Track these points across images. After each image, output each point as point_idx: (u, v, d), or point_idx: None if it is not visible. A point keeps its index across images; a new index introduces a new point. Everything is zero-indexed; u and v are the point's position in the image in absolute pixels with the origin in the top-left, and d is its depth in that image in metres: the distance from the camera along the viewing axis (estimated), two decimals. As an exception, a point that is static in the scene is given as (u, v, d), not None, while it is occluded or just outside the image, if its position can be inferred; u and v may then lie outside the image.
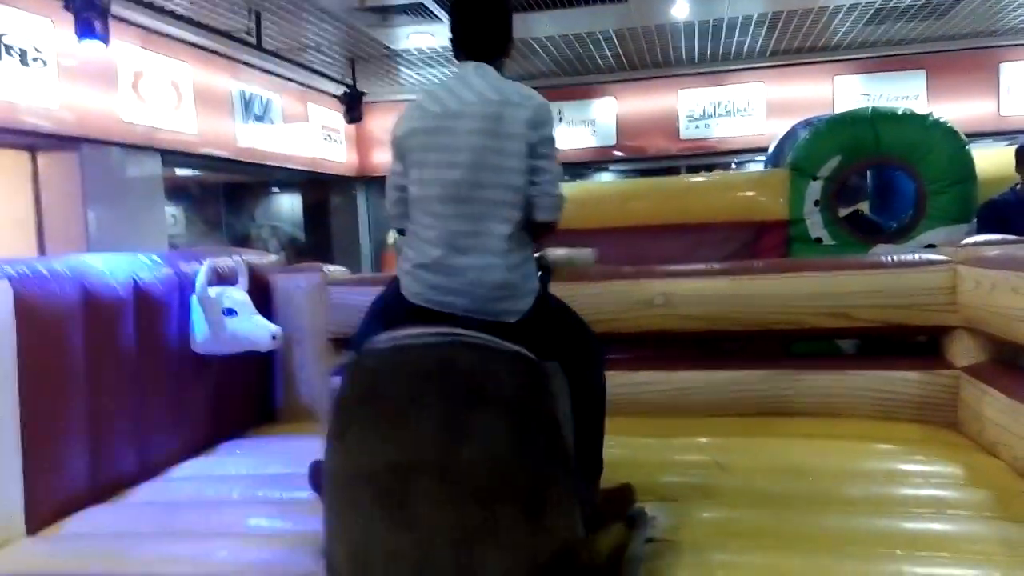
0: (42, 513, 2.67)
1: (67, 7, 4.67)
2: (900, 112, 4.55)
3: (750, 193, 4.70)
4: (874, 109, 4.52)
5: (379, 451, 1.84)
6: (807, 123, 5.07)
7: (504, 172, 2.22)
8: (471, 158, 2.21)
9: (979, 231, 4.04)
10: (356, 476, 1.86)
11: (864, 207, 5.27)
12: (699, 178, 5.52)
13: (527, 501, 1.81)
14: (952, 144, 4.27)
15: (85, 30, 4.67)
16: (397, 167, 2.37)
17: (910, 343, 3.91)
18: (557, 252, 2.55)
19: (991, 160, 4.56)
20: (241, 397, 3.87)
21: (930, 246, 4.12)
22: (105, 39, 4.76)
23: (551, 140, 2.28)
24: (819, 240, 4.45)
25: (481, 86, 2.27)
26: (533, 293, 2.29)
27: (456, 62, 2.39)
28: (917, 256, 3.57)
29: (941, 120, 4.33)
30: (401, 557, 1.77)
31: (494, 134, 2.21)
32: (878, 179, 5.12)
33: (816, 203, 4.43)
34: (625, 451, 2.82)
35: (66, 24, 4.88)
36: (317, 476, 2.40)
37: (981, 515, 2.42)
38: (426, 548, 1.76)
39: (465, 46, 2.38)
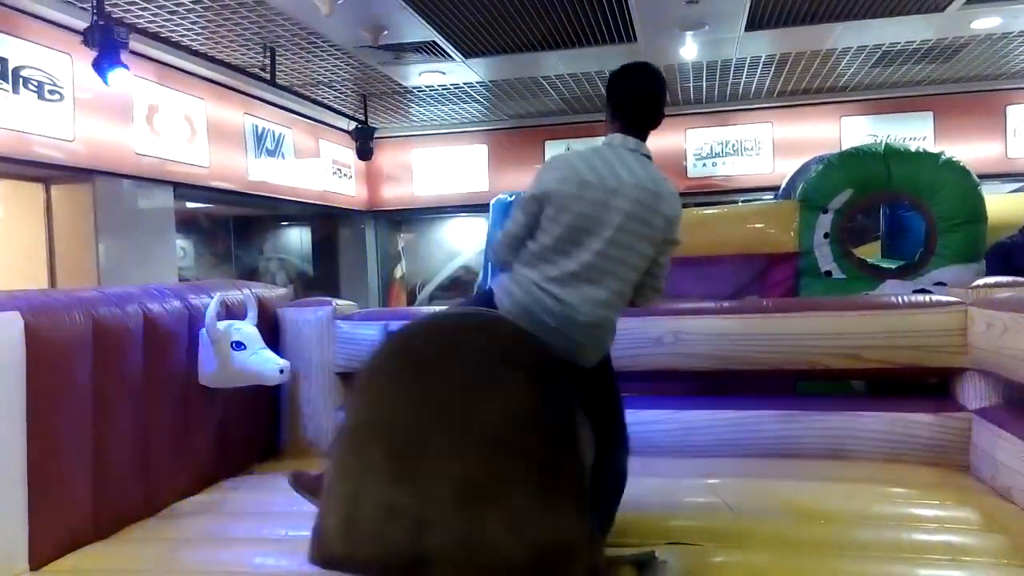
0: (45, 549, 2.64)
1: (86, 43, 4.74)
2: (913, 149, 4.53)
3: (759, 225, 4.67)
4: (887, 145, 4.50)
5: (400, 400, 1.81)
6: (820, 159, 5.07)
7: (633, 254, 2.38)
8: (614, 235, 2.35)
9: (987, 272, 4.03)
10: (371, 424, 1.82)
11: (876, 245, 5.27)
12: (709, 210, 5.49)
13: (540, 470, 1.75)
14: (964, 183, 4.26)
15: (104, 66, 4.74)
16: (528, 219, 2.42)
17: (921, 384, 3.87)
18: None
19: (997, 205, 4.56)
20: (247, 432, 3.85)
21: (939, 284, 4.11)
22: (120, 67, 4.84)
23: (676, 242, 2.50)
24: (829, 273, 4.43)
25: (638, 170, 2.40)
26: (604, 353, 2.49)
27: (605, 131, 2.53)
28: (928, 297, 3.55)
29: (953, 159, 4.33)
30: (400, 512, 1.67)
31: (640, 220, 2.36)
32: (890, 216, 5.11)
33: (826, 235, 4.42)
34: (634, 491, 2.79)
35: (85, 59, 4.95)
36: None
37: (998, 562, 2.37)
38: (429, 503, 1.67)
39: (632, 119, 2.48)
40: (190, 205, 7.76)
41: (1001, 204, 4.73)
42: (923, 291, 4.07)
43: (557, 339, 2.27)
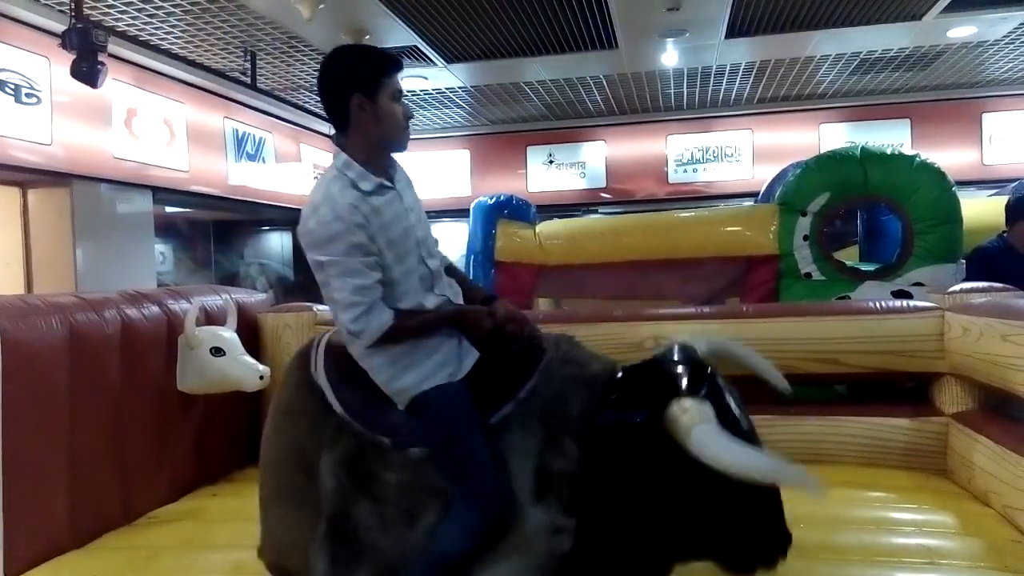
0: (20, 557, 2.61)
1: (64, 46, 4.69)
2: (888, 152, 4.59)
3: (739, 228, 4.73)
4: (863, 148, 4.56)
5: None
6: (799, 164, 5.13)
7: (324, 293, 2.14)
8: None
9: (968, 277, 4.08)
10: None
11: (854, 248, 5.33)
12: (689, 213, 5.53)
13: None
14: (939, 185, 4.32)
15: (81, 70, 4.69)
16: None
17: (899, 389, 3.91)
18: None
19: (975, 209, 4.62)
20: (227, 438, 3.82)
21: (918, 284, 4.16)
22: (99, 80, 4.78)
23: (320, 262, 2.07)
24: (808, 275, 4.47)
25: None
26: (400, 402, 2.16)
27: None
28: (906, 303, 3.59)
29: (928, 161, 4.39)
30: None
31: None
32: (867, 219, 5.17)
33: (805, 238, 4.46)
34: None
35: (63, 62, 4.90)
36: None
37: (974, 565, 2.40)
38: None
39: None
40: (169, 209, 7.69)
41: (982, 207, 4.80)
42: (902, 292, 4.12)
43: None
